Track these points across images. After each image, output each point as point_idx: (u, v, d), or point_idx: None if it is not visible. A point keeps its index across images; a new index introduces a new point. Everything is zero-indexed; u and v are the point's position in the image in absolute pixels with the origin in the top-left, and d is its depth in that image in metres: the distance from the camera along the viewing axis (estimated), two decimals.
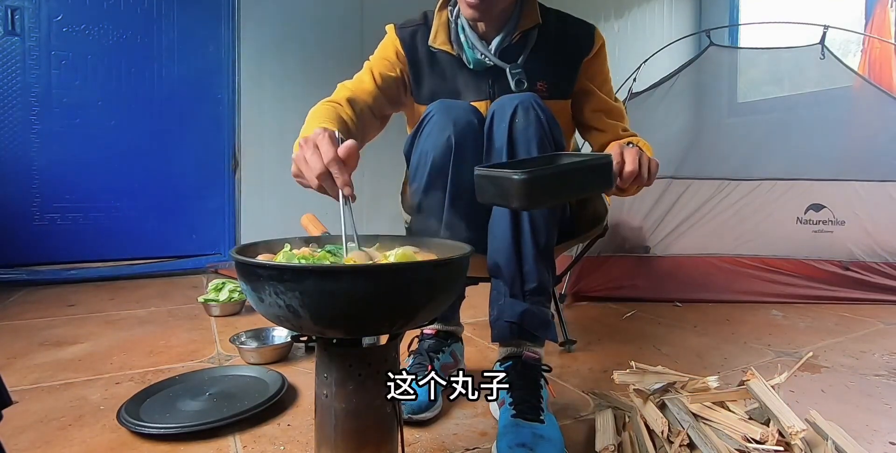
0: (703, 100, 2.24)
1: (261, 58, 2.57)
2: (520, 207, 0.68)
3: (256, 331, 1.33)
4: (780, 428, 0.65)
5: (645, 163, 0.80)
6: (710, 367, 1.20)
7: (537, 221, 0.85)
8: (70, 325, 1.54)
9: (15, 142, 2.14)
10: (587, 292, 1.88)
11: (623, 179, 0.79)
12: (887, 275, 1.87)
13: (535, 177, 0.62)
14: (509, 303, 0.87)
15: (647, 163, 0.81)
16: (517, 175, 0.62)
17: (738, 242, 1.97)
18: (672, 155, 2.01)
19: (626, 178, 0.79)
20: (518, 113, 0.84)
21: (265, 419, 0.91)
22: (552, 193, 0.66)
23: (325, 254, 0.62)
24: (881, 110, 2.03)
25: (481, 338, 1.41)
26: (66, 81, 2.21)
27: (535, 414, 0.79)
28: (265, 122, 2.60)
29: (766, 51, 2.41)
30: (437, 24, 1.01)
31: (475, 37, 0.98)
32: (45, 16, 2.16)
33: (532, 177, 0.62)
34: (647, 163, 0.81)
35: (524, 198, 0.63)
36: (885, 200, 1.93)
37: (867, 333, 1.49)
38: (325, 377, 0.59)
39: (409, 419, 0.87)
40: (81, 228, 2.27)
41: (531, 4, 0.99)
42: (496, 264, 0.87)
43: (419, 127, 0.90)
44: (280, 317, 0.53)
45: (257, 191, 2.60)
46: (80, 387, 1.06)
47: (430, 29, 1.01)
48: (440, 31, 1.01)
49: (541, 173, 0.64)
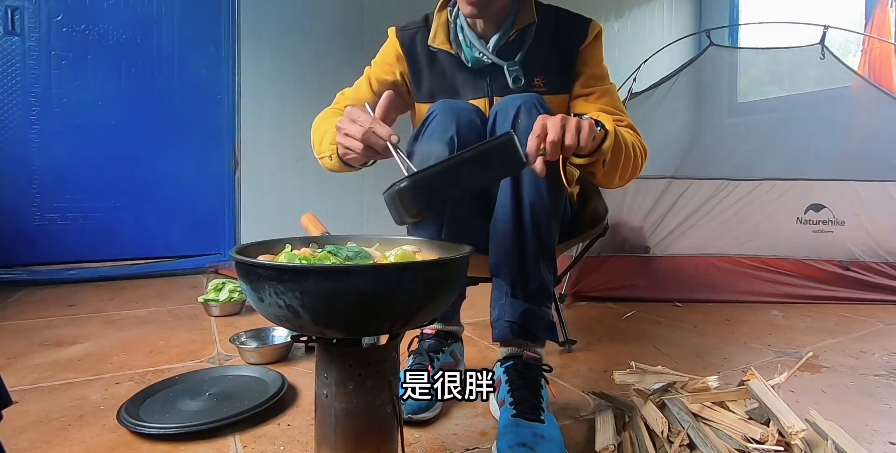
0: (703, 100, 2.24)
1: (261, 58, 2.57)
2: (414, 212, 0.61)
3: (256, 331, 1.33)
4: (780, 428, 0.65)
5: (572, 130, 0.69)
6: (710, 367, 1.20)
7: (540, 221, 0.85)
8: (70, 325, 1.54)
9: (15, 142, 2.14)
10: (587, 292, 1.88)
11: (550, 153, 0.69)
12: (887, 275, 1.87)
13: (417, 180, 0.59)
14: (510, 302, 0.87)
15: (578, 129, 0.70)
16: (400, 183, 0.59)
17: (738, 242, 1.97)
18: (672, 155, 2.01)
19: (550, 151, 0.69)
20: (521, 113, 0.85)
21: (265, 419, 0.91)
22: (447, 190, 0.62)
23: (325, 255, 0.62)
24: (881, 110, 2.03)
25: (481, 337, 1.41)
26: (66, 81, 2.21)
27: (536, 414, 0.79)
28: (265, 122, 2.60)
29: (766, 51, 2.41)
30: (437, 25, 1.02)
31: (473, 36, 0.99)
32: (45, 16, 2.16)
33: (414, 181, 0.59)
34: (578, 129, 0.70)
35: (413, 204, 0.60)
36: (885, 200, 1.93)
37: (867, 333, 1.49)
38: (325, 377, 0.59)
39: (409, 419, 0.87)
40: (81, 228, 2.27)
41: (528, 3, 1.00)
42: (498, 264, 0.87)
43: (422, 126, 0.91)
44: (280, 317, 0.53)
45: (257, 191, 2.60)
46: (80, 387, 1.06)
47: (431, 30, 1.03)
48: (439, 31, 1.02)
49: (424, 175, 0.60)
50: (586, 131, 0.70)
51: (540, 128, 0.70)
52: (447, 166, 0.62)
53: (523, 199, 0.84)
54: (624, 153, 0.85)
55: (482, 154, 0.63)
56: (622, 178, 0.91)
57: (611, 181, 0.90)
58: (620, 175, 0.88)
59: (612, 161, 0.82)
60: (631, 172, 0.91)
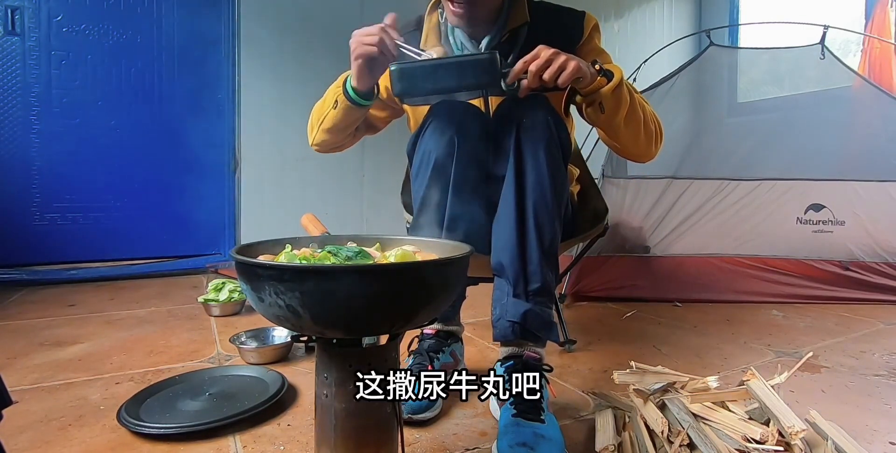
0: (703, 100, 2.24)
1: (261, 58, 2.57)
2: (396, 93, 0.78)
3: (256, 331, 1.33)
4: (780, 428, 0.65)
5: (555, 66, 0.76)
6: (710, 367, 1.20)
7: (543, 221, 0.85)
8: (70, 325, 1.54)
9: (15, 142, 2.14)
10: (587, 292, 1.88)
11: (529, 80, 0.78)
12: (887, 275, 1.87)
13: (403, 68, 0.76)
14: (512, 302, 0.87)
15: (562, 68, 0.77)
16: (393, 66, 0.77)
17: (738, 242, 1.97)
18: (672, 155, 2.01)
19: (529, 79, 0.77)
20: (525, 113, 0.85)
21: (265, 419, 0.91)
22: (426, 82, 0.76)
23: (325, 255, 0.62)
24: (881, 110, 2.03)
25: (481, 337, 1.41)
26: (66, 81, 2.21)
27: (536, 414, 0.79)
28: (265, 122, 2.60)
29: (766, 51, 2.41)
30: (427, 28, 1.03)
31: (465, 37, 0.99)
32: (45, 16, 2.16)
33: (400, 68, 0.76)
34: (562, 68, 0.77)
35: (396, 85, 0.77)
36: (885, 200, 1.93)
37: (867, 333, 1.49)
38: (325, 377, 0.59)
39: (409, 419, 0.87)
40: (81, 228, 2.27)
41: (519, 3, 1.00)
42: (500, 263, 0.87)
43: (422, 127, 0.91)
44: (280, 317, 0.53)
45: (257, 191, 2.60)
46: (80, 387, 1.06)
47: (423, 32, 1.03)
48: (431, 34, 1.02)
49: (410, 65, 0.77)
50: (568, 72, 0.77)
51: (531, 57, 0.78)
52: (431, 64, 0.76)
53: (526, 199, 0.85)
54: (629, 108, 0.88)
55: (462, 62, 0.76)
56: (635, 141, 0.94)
57: (618, 136, 0.94)
58: (631, 135, 0.92)
59: (613, 111, 0.87)
60: (645, 138, 0.95)
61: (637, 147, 0.97)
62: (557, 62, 0.77)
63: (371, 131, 1.16)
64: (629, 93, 0.90)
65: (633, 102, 0.90)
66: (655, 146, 1.00)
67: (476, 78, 0.76)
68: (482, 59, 0.75)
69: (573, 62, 0.78)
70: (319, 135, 1.05)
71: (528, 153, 0.84)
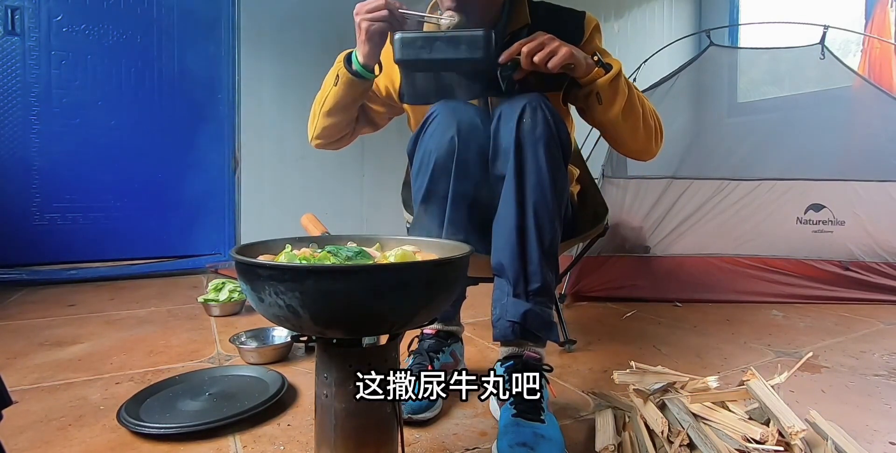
0: (703, 100, 2.24)
1: (261, 57, 2.58)
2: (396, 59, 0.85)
3: (256, 331, 1.33)
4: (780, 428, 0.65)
5: (545, 51, 0.82)
6: (710, 367, 1.20)
7: (543, 221, 0.85)
8: (70, 325, 1.54)
9: (15, 142, 2.14)
10: (587, 292, 1.88)
11: (522, 61, 0.84)
12: (887, 275, 1.87)
13: (403, 37, 0.83)
14: (512, 302, 0.87)
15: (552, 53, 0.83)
16: (397, 34, 0.84)
17: (738, 242, 1.97)
18: (672, 155, 2.01)
19: (522, 60, 0.84)
20: (526, 113, 0.85)
21: (265, 419, 0.91)
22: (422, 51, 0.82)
23: (325, 255, 0.62)
24: (881, 110, 2.03)
25: (481, 337, 1.41)
26: (66, 81, 2.21)
27: (536, 414, 0.79)
28: (265, 122, 2.60)
29: (766, 51, 2.41)
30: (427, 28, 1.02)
31: None
32: (45, 16, 2.16)
33: (402, 37, 0.83)
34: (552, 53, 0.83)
35: (398, 52, 0.83)
36: (885, 200, 1.93)
37: (867, 333, 1.49)
38: (325, 377, 0.59)
39: (409, 419, 0.87)
40: (81, 228, 2.27)
41: (519, 6, 1.00)
42: (500, 263, 0.87)
43: (423, 126, 0.91)
44: (280, 317, 0.53)
45: (257, 191, 2.60)
46: (80, 387, 1.06)
47: None
48: None
49: (409, 35, 0.83)
50: (559, 56, 0.82)
51: (527, 39, 0.84)
52: (427, 36, 0.83)
53: (526, 199, 0.85)
54: (627, 101, 0.90)
55: (456, 36, 0.82)
56: (634, 136, 0.96)
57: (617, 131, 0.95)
58: (630, 130, 0.94)
59: (610, 101, 0.90)
60: (644, 134, 0.96)
61: (636, 142, 0.98)
62: (550, 46, 0.83)
63: (370, 128, 1.15)
64: (627, 86, 0.91)
65: (632, 96, 0.92)
66: (656, 143, 1.00)
67: (470, 52, 0.81)
68: (477, 35, 0.81)
69: (565, 48, 0.83)
70: (321, 122, 1.04)
71: (529, 153, 0.84)
